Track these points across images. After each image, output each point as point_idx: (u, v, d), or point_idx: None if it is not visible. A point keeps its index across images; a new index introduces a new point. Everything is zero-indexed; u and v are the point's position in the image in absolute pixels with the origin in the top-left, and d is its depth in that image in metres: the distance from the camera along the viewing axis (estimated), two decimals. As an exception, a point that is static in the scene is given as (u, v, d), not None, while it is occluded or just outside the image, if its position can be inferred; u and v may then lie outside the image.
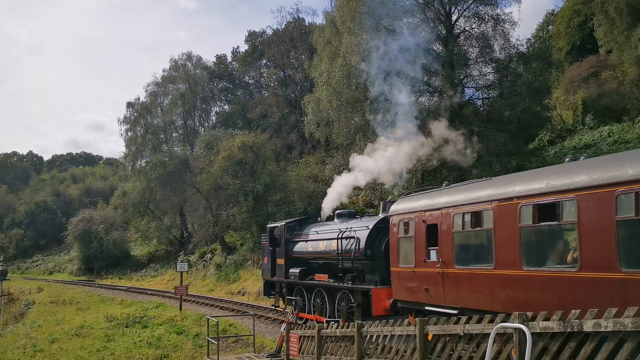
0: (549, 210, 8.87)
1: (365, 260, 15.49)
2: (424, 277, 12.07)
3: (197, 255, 47.41)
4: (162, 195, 51.93)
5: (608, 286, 7.68)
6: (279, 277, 20.66)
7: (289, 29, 53.69)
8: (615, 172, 7.85)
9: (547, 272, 8.78)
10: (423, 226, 12.18)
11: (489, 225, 10.11)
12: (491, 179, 11.57)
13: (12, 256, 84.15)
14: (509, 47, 28.91)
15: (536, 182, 9.30)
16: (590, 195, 8.10)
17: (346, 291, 15.99)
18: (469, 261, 10.93)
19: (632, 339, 5.44)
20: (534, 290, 9.00)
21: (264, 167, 39.00)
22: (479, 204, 10.49)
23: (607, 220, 7.77)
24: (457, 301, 11.03)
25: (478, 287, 10.37)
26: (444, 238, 11.40)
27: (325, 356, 11.40)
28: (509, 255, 9.54)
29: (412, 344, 8.77)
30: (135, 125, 64.47)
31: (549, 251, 9.15)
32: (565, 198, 8.50)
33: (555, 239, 9.14)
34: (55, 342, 20.99)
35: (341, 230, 16.79)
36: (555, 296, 8.56)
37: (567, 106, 35.34)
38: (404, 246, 13.03)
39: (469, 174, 24.98)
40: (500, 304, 9.68)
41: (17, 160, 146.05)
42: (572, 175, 8.61)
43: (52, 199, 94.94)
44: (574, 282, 8.23)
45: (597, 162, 8.83)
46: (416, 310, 12.61)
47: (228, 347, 17.54)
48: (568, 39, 40.42)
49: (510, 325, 6.64)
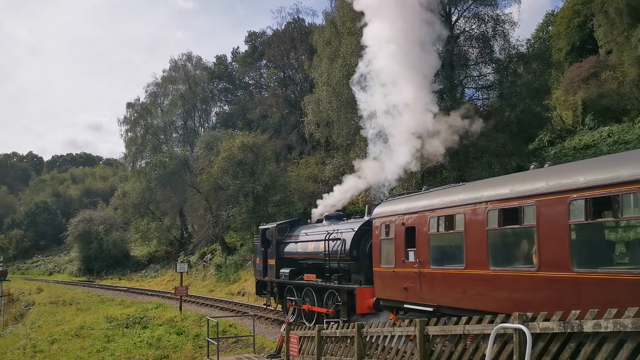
0: (512, 215, 9.59)
1: (351, 260, 16.25)
2: (403, 277, 12.80)
3: (197, 256, 47.40)
4: (162, 195, 51.89)
5: (563, 284, 8.40)
6: (271, 277, 21.41)
7: (289, 30, 53.71)
8: (569, 180, 8.55)
9: (511, 272, 9.52)
10: (402, 228, 12.92)
11: (461, 228, 10.83)
12: (464, 184, 12.34)
13: (12, 257, 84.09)
14: (509, 48, 28.96)
15: (502, 188, 10.09)
16: (548, 201, 8.79)
17: (333, 290, 16.79)
18: (444, 262, 11.65)
19: (632, 340, 5.44)
20: (500, 288, 9.75)
21: (264, 167, 38.98)
22: (452, 208, 11.24)
23: (562, 224, 8.47)
24: (432, 299, 11.75)
25: (451, 286, 11.13)
26: (421, 240, 12.14)
27: (325, 356, 11.40)
28: (478, 256, 10.27)
29: (411, 344, 8.77)
30: (135, 126, 64.47)
31: (512, 252, 9.91)
32: (526, 203, 9.22)
33: (518, 241, 9.74)
34: (55, 342, 20.97)
35: (328, 232, 17.53)
36: (518, 294, 9.28)
37: (567, 107, 35.35)
38: (385, 247, 13.74)
39: (469, 175, 25.00)
40: (471, 302, 10.47)
41: (17, 161, 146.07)
42: (533, 182, 9.35)
43: (52, 199, 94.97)
44: (533, 280, 8.95)
45: (555, 169, 9.53)
46: (397, 308, 13.33)
47: (228, 348, 17.53)
48: (568, 39, 40.43)
49: (511, 326, 6.64)
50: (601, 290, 7.74)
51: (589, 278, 7.94)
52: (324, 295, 17.40)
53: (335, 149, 34.19)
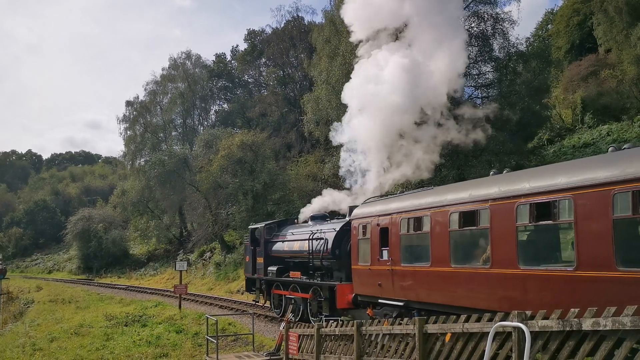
0: (470, 217, 10.51)
1: (333, 259, 17.25)
2: (377, 274, 13.80)
3: (196, 254, 47.41)
4: (162, 194, 51.89)
5: (512, 280, 9.37)
6: (259, 275, 22.50)
7: (289, 28, 53.66)
8: (517, 186, 9.51)
9: (469, 269, 10.50)
10: (377, 229, 13.83)
11: (427, 229, 11.78)
12: (432, 189, 13.35)
13: (12, 255, 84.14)
14: (508, 46, 28.91)
15: (462, 193, 11.01)
16: (499, 205, 9.75)
17: (316, 287, 17.82)
18: (413, 260, 12.58)
19: (630, 338, 5.45)
20: (460, 284, 10.73)
21: (263, 166, 38.98)
22: (419, 210, 12.22)
23: (511, 226, 9.42)
24: (403, 294, 12.77)
25: (419, 282, 12.14)
26: (393, 240, 13.11)
27: (324, 355, 11.41)
28: (442, 255, 11.24)
29: (411, 342, 8.78)
30: (134, 124, 64.43)
31: (470, 251, 10.78)
32: (481, 207, 10.18)
33: (475, 241, 10.63)
34: (54, 340, 20.98)
35: (312, 232, 18.48)
36: (475, 289, 10.27)
37: (567, 105, 35.35)
38: (362, 247, 14.71)
39: (468, 173, 25.00)
40: (436, 296, 11.60)
41: (16, 159, 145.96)
42: (488, 188, 10.31)
43: (51, 197, 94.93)
44: (488, 277, 9.92)
45: (507, 176, 10.55)
46: (373, 304, 14.33)
47: (227, 346, 17.53)
48: (567, 37, 40.43)
49: (509, 324, 6.65)
50: (543, 286, 8.74)
51: (533, 274, 8.97)
52: (308, 291, 18.35)
53: (334, 147, 34.18)
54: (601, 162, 8.59)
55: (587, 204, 8.12)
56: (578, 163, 9.50)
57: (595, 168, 8.36)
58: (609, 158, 8.58)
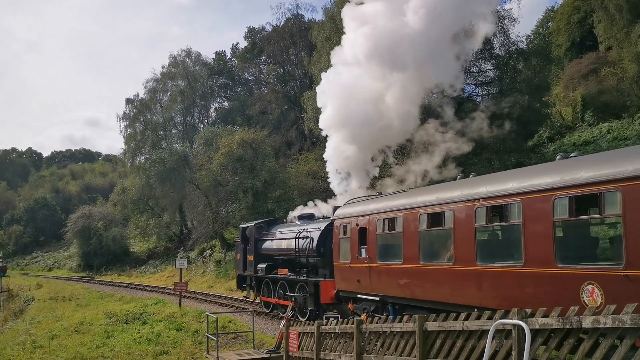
0: (437, 218, 11.47)
1: (318, 256, 18.17)
2: (356, 271, 14.81)
3: (196, 252, 47.42)
4: (162, 191, 51.87)
5: (471, 276, 10.34)
6: (249, 272, 23.51)
7: (289, 26, 53.55)
8: (476, 190, 10.46)
9: (436, 266, 11.46)
10: (357, 229, 14.76)
11: (400, 229, 12.69)
12: (406, 191, 14.24)
13: (12, 252, 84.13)
14: (509, 44, 28.89)
15: (430, 196, 11.99)
16: (461, 207, 10.68)
17: (302, 283, 18.73)
18: (387, 257, 13.46)
19: (630, 336, 5.45)
20: (427, 280, 11.75)
21: (263, 163, 38.95)
22: (393, 211, 13.15)
23: (470, 227, 10.35)
24: (379, 290, 13.76)
25: (393, 278, 13.09)
26: (370, 239, 14.06)
27: (324, 352, 11.42)
28: (412, 253, 12.19)
29: (411, 340, 8.79)
30: (134, 122, 64.33)
31: (437, 250, 11.72)
32: (446, 209, 11.10)
33: (441, 240, 11.54)
34: (54, 338, 20.99)
35: (299, 231, 19.48)
36: (441, 284, 11.24)
37: (567, 103, 35.32)
38: (343, 245, 15.61)
39: (468, 170, 24.97)
40: (407, 291, 12.61)
41: (16, 157, 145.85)
42: (452, 191, 11.26)
43: (51, 195, 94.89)
44: (451, 273, 10.88)
45: (470, 181, 11.50)
46: (353, 299, 15.28)
47: (228, 344, 17.54)
48: (568, 35, 40.39)
49: (510, 322, 6.65)
50: (497, 280, 9.76)
51: (488, 271, 9.97)
52: (295, 287, 19.37)
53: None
54: (546, 169, 9.41)
55: (533, 207, 9.04)
56: (527, 170, 10.40)
57: (541, 175, 9.20)
58: (553, 166, 9.40)
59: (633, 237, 7.39)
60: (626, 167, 7.63)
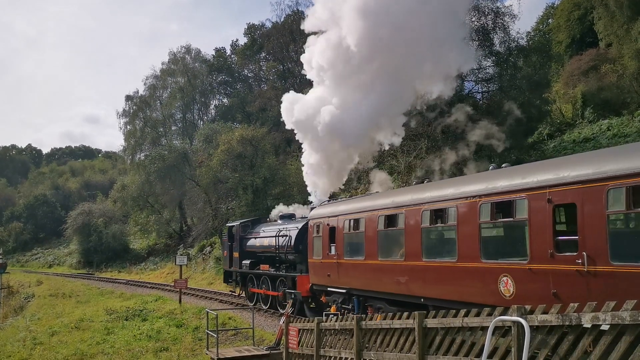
0: (392, 219, 13.04)
1: (296, 253, 19.48)
2: (327, 266, 16.27)
3: (196, 249, 47.42)
4: (162, 188, 51.88)
5: (418, 269, 11.92)
6: (235, 268, 24.90)
7: (288, 22, 53.45)
8: (422, 195, 12.14)
9: (391, 262, 12.96)
10: (327, 228, 16.27)
11: (362, 229, 14.25)
12: (370, 194, 16.08)
13: (12, 249, 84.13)
14: (509, 41, 28.88)
15: (387, 199, 13.58)
16: (411, 210, 12.26)
17: (282, 278, 20.27)
18: (352, 254, 14.93)
19: (630, 332, 5.46)
20: (385, 273, 13.22)
21: (263, 160, 38.95)
22: (357, 213, 14.70)
23: (418, 227, 11.94)
24: (345, 283, 15.35)
25: (357, 273, 14.66)
26: (338, 237, 15.56)
27: (324, 349, 11.44)
28: (372, 250, 13.74)
29: (410, 336, 8.80)
30: (134, 119, 64.35)
31: (392, 247, 13.12)
32: (399, 212, 12.67)
33: (395, 239, 12.96)
34: (55, 335, 21.02)
35: (279, 230, 20.84)
36: (395, 278, 12.73)
37: (567, 100, 35.26)
38: (316, 243, 17.05)
39: (469, 169, 24.97)
40: (368, 284, 14.14)
41: (16, 154, 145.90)
42: (404, 196, 12.92)
43: (51, 192, 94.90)
44: (403, 268, 12.44)
45: (419, 187, 13.19)
46: (325, 291, 16.70)
47: (227, 340, 17.58)
48: (568, 32, 40.28)
49: (509, 319, 6.66)
50: (437, 274, 11.38)
51: (431, 265, 11.57)
52: (276, 281, 20.87)
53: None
54: (477, 178, 11.14)
55: (464, 211, 10.62)
56: (462, 179, 12.05)
57: (471, 183, 10.86)
58: (482, 175, 11.08)
59: (535, 237, 8.98)
60: (531, 178, 9.26)
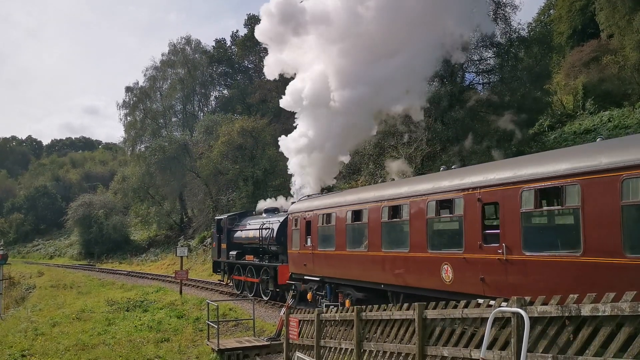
0: (357, 214, 14.36)
1: (278, 245, 20.79)
2: (303, 256, 17.49)
3: (197, 240, 47.50)
4: (162, 180, 51.88)
5: (378, 260, 13.26)
6: (223, 258, 26.23)
7: (289, 13, 53.16)
8: (383, 192, 13.56)
9: (357, 252, 14.33)
10: (304, 222, 17.44)
11: (333, 223, 15.55)
12: (343, 191, 17.79)
13: (13, 240, 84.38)
14: (510, 32, 28.76)
15: (354, 196, 15.13)
16: (373, 206, 13.59)
17: (265, 267, 21.63)
18: (325, 245, 16.15)
19: (629, 323, 5.48)
20: (353, 263, 14.56)
21: (263, 152, 38.92)
22: (329, 208, 16.03)
23: (378, 221, 13.30)
24: (319, 272, 16.57)
25: (329, 262, 15.89)
26: (313, 230, 16.82)
27: (324, 340, 11.49)
28: (341, 242, 15.07)
29: (411, 327, 8.83)
30: (134, 110, 64.25)
31: (358, 239, 14.37)
32: (363, 207, 14.06)
33: (361, 231, 14.26)
34: (56, 325, 21.11)
35: (263, 223, 22.14)
36: (360, 267, 14.15)
37: (568, 91, 35.15)
38: (295, 235, 18.28)
39: (469, 160, 24.97)
40: (338, 272, 15.42)
41: (16, 145, 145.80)
42: (367, 193, 14.48)
43: (51, 183, 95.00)
44: (366, 258, 13.86)
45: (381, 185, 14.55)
46: (302, 280, 17.91)
47: (228, 331, 17.65)
48: (569, 23, 40.07)
49: (509, 310, 6.68)
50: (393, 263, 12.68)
51: (388, 255, 12.88)
52: (260, 271, 22.22)
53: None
54: (428, 179, 12.61)
55: (416, 207, 11.91)
56: (415, 178, 13.57)
57: (421, 183, 12.33)
58: (432, 176, 12.65)
59: (468, 231, 10.30)
60: (466, 180, 10.58)
